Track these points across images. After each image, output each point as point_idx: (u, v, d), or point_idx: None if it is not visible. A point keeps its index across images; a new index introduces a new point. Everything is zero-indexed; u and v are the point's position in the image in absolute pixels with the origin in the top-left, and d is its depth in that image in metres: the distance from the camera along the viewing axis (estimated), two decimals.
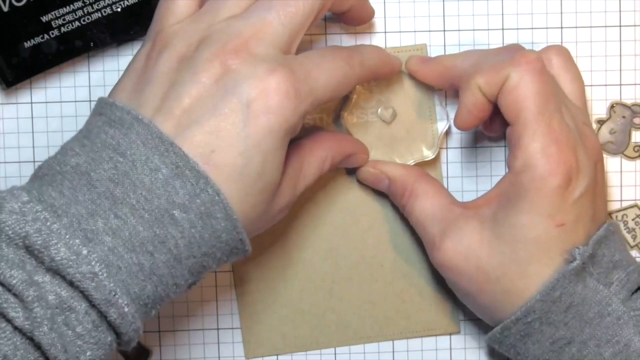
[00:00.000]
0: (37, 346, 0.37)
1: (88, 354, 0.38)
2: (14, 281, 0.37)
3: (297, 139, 0.45)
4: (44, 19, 0.49)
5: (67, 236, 0.38)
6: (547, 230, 0.45)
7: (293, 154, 0.45)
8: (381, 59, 0.48)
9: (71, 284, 0.37)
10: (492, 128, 0.51)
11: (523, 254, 0.45)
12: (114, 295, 0.38)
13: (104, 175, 0.39)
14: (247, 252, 0.43)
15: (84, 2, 0.49)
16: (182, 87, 0.41)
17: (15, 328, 0.37)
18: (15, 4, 0.48)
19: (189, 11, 0.44)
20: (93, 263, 0.37)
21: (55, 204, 0.39)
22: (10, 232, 0.37)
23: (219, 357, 0.53)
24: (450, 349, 0.54)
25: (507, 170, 0.50)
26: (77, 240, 0.38)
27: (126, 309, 0.38)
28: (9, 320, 0.37)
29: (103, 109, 0.42)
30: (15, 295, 0.37)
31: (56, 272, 0.37)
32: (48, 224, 0.38)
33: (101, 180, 0.39)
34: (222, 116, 0.40)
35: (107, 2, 0.49)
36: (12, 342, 0.36)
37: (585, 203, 0.45)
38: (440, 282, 0.52)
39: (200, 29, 0.43)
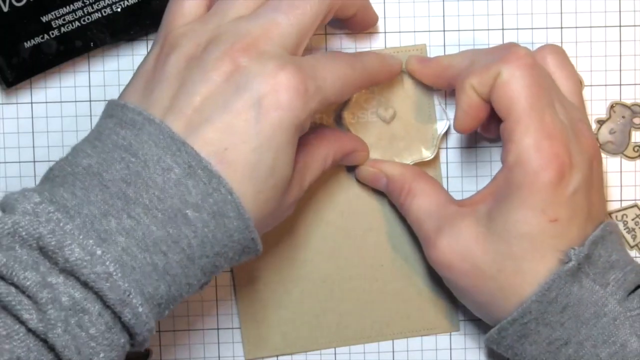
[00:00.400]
0: (51, 348, 0.37)
1: (101, 355, 0.38)
2: (28, 283, 0.37)
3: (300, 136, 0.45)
4: (44, 19, 0.49)
5: (81, 237, 0.38)
6: (540, 225, 0.45)
7: (299, 151, 0.45)
8: (382, 64, 0.49)
9: (85, 284, 0.38)
10: (489, 129, 0.51)
11: (517, 250, 0.45)
12: (129, 295, 0.38)
13: (116, 175, 0.40)
14: (258, 251, 0.43)
15: (84, 2, 0.49)
16: (192, 86, 0.41)
17: (29, 330, 0.37)
18: (15, 4, 0.48)
19: (197, 13, 0.44)
20: (107, 263, 0.38)
21: (67, 204, 0.39)
22: (24, 233, 0.37)
23: (219, 357, 0.53)
24: (450, 348, 0.54)
25: None
26: (90, 241, 0.38)
27: (140, 309, 0.38)
28: (22, 322, 0.37)
29: (113, 111, 0.42)
30: (29, 297, 0.37)
31: (70, 273, 0.37)
32: (61, 224, 0.38)
33: (113, 180, 0.39)
34: (234, 113, 0.41)
35: (107, 2, 0.49)
36: (25, 344, 0.37)
37: (580, 200, 0.45)
38: (440, 281, 0.52)
39: (209, 30, 0.43)
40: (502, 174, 0.47)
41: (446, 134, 0.53)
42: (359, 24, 0.50)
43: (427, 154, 0.52)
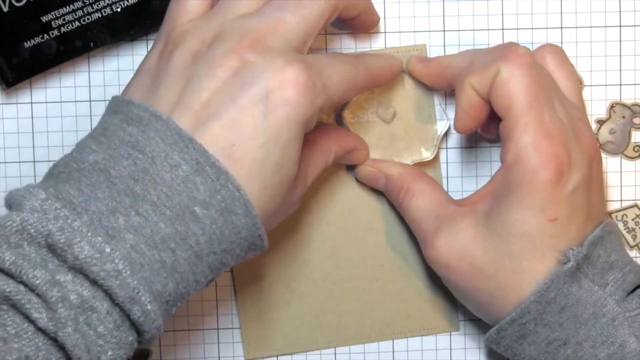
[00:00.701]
0: (61, 347, 0.37)
1: (109, 353, 0.38)
2: (38, 281, 0.37)
3: None
4: (44, 19, 0.49)
5: (89, 234, 0.38)
6: (539, 224, 0.45)
7: (302, 147, 0.45)
8: (384, 64, 0.49)
9: (94, 282, 0.37)
10: (488, 130, 0.51)
11: (516, 249, 0.45)
12: (137, 292, 0.38)
13: (124, 172, 0.39)
14: (264, 247, 0.43)
15: (84, 2, 0.49)
16: (199, 81, 0.41)
17: (38, 328, 0.37)
18: (15, 4, 0.48)
19: (200, 11, 0.44)
20: (117, 261, 0.38)
21: (74, 201, 0.39)
22: (32, 230, 0.37)
23: (219, 357, 0.53)
24: (450, 348, 0.54)
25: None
26: (99, 238, 0.38)
27: (149, 307, 0.38)
28: (31, 321, 0.37)
29: (119, 107, 0.42)
30: (38, 295, 0.37)
31: (79, 270, 0.37)
32: (69, 221, 0.38)
33: (121, 177, 0.39)
34: (241, 108, 0.40)
35: (107, 2, 0.49)
36: (34, 343, 0.37)
37: (579, 199, 0.45)
38: (440, 281, 0.52)
39: (214, 26, 0.43)
40: (501, 173, 0.47)
41: (446, 134, 0.53)
42: (361, 25, 0.50)
43: (427, 154, 0.52)
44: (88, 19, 0.49)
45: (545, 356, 0.46)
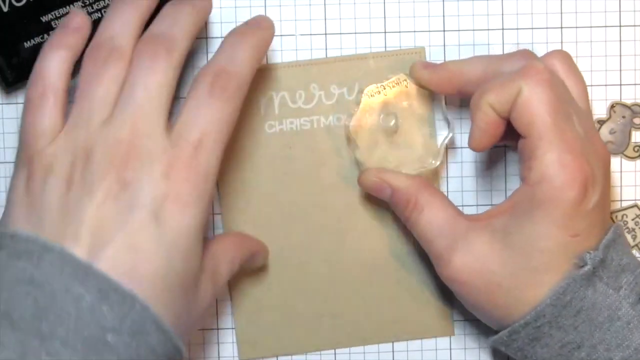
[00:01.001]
0: None
1: None
2: None
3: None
4: (44, 19, 0.49)
5: None
6: (562, 240, 0.44)
7: (206, 257, 0.45)
8: (255, 54, 0.45)
9: None
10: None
11: (536, 263, 0.45)
12: None
13: (26, 313, 0.38)
14: (182, 356, 0.42)
15: (84, 2, 0.49)
16: (82, 211, 0.40)
17: None
18: (15, 4, 0.49)
19: (57, 127, 0.42)
20: None
21: None
22: None
23: (218, 357, 0.53)
24: (450, 349, 0.53)
25: (507, 172, 0.50)
26: None
27: None
28: None
29: (2, 242, 0.40)
30: None
31: None
32: None
33: (24, 319, 0.38)
34: (134, 230, 0.40)
35: (107, 2, 0.49)
36: None
37: (598, 212, 0.45)
38: (437, 285, 0.52)
39: (78, 145, 0.41)
40: (523, 190, 0.46)
41: (450, 141, 0.52)
42: None
43: (432, 162, 0.51)
44: None
45: (558, 359, 0.45)
